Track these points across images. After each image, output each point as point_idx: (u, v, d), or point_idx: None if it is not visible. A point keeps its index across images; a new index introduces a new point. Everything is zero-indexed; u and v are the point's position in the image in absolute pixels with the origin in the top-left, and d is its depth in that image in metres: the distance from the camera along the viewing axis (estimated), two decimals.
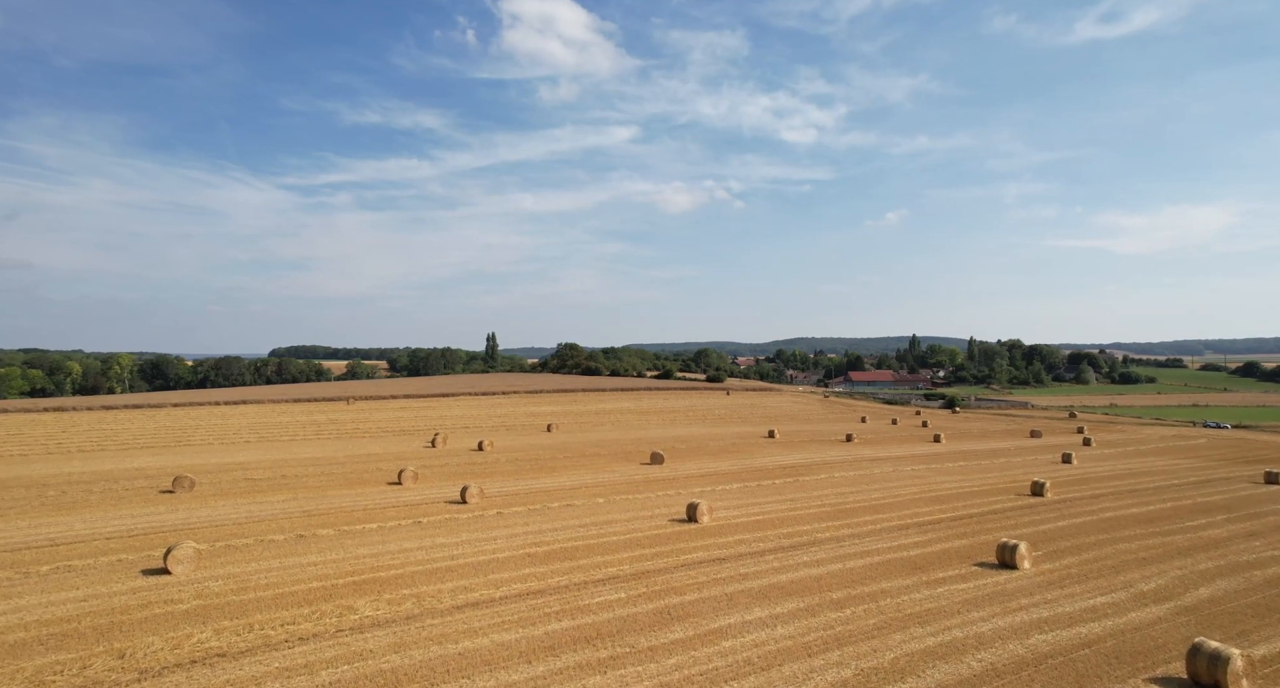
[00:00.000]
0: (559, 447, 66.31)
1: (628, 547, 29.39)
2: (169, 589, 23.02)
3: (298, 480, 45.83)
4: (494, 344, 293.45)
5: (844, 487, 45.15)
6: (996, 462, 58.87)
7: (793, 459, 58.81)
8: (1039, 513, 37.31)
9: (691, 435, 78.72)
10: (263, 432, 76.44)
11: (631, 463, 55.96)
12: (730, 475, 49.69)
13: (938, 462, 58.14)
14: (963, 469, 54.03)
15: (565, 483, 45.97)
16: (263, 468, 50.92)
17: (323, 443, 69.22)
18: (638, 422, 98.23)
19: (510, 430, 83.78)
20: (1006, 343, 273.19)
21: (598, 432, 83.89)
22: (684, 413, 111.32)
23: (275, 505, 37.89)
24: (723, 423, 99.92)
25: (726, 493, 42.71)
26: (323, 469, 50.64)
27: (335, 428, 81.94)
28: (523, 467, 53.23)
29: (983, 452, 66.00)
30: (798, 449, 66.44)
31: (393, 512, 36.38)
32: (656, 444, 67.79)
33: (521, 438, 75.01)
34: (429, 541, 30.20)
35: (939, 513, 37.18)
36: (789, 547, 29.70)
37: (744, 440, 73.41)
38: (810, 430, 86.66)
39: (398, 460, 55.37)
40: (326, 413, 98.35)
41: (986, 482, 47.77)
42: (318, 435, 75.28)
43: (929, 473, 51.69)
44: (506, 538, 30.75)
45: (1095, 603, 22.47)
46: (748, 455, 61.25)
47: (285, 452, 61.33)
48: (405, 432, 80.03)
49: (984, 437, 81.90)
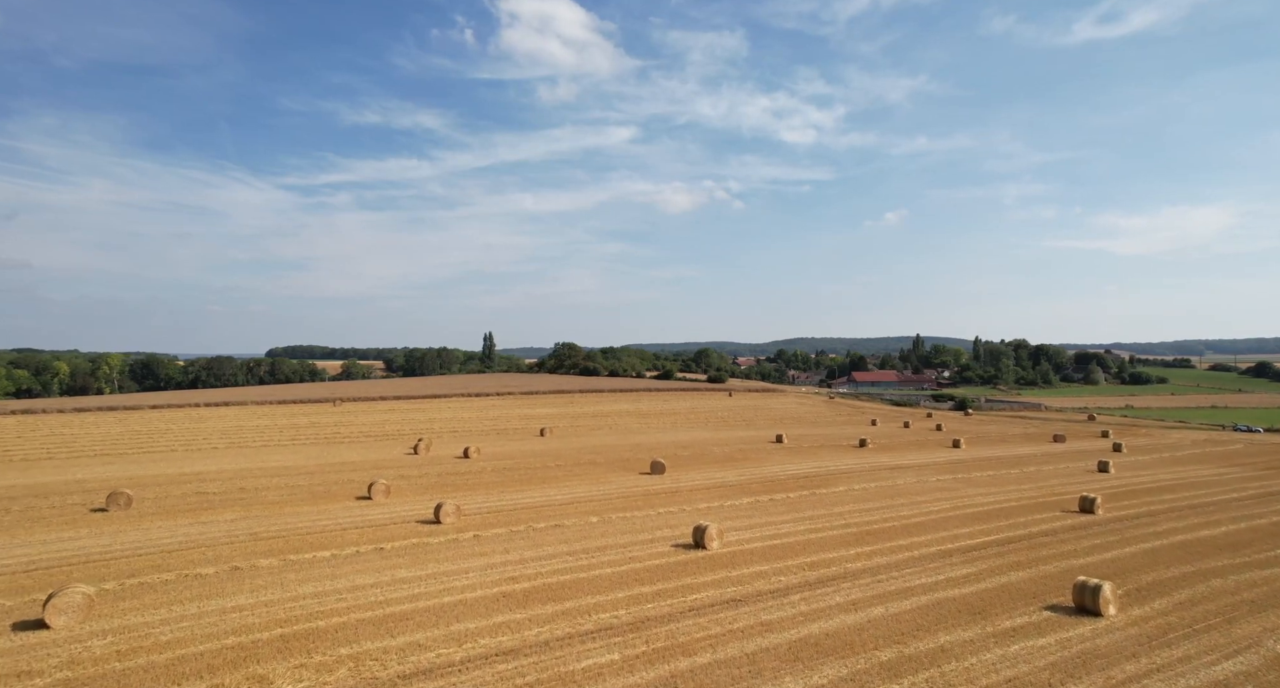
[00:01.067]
0: (551, 454, 61.49)
1: (624, 582, 24.58)
2: (32, 653, 18.06)
3: (256, 494, 40.96)
4: (491, 344, 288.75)
5: (867, 501, 40.34)
6: (1026, 471, 54.08)
7: (805, 468, 54.01)
8: (1096, 535, 32.50)
9: (694, 441, 73.93)
10: (236, 436, 71.58)
11: (630, 473, 51.17)
12: (738, 488, 44.87)
13: (963, 470, 53.35)
14: (993, 480, 49.23)
15: (555, 497, 41.15)
16: (220, 479, 46.05)
17: (297, 449, 64.36)
18: (637, 425, 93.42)
19: (501, 435, 78.94)
20: (1012, 343, 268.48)
21: (594, 437, 79.08)
22: (685, 415, 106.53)
23: (220, 526, 33.03)
24: (726, 426, 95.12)
25: (736, 510, 37.89)
26: (288, 480, 45.79)
27: (315, 432, 77.10)
28: (509, 478, 48.40)
29: (1008, 459, 61.20)
30: (809, 456, 61.64)
31: (353, 535, 31.53)
32: (657, 451, 62.99)
33: (512, 444, 70.18)
34: (388, 574, 25.37)
35: (982, 535, 32.38)
36: (816, 582, 24.89)
37: (750, 446, 68.60)
38: (819, 434, 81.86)
39: (373, 470, 50.56)
40: (309, 416, 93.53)
41: (1024, 495, 42.97)
42: (294, 441, 70.40)
43: (957, 484, 46.89)
44: (481, 570, 25.92)
45: (1225, 672, 17.63)
46: (756, 463, 56.46)
47: (253, 459, 56.48)
48: (389, 436, 75.17)
49: (1004, 442, 77.11)
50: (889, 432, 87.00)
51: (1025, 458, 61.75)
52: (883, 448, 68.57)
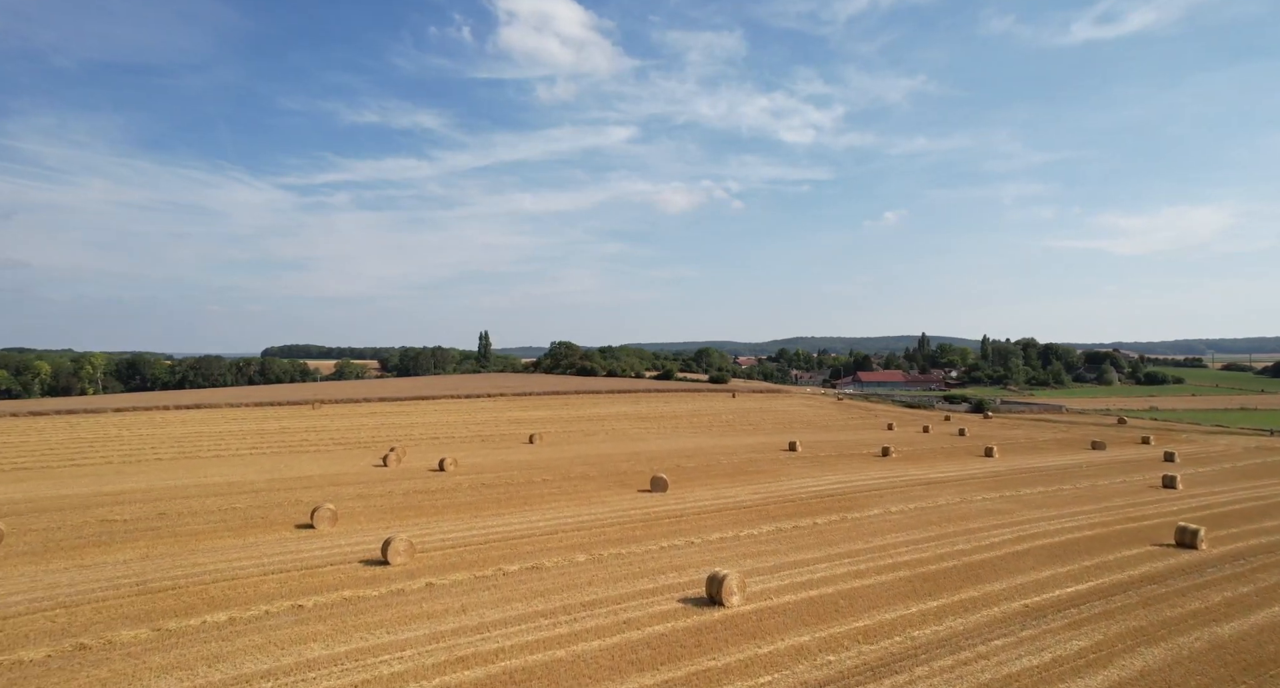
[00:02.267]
0: (539, 465, 54.59)
1: (616, 668, 17.73)
2: None
3: (175, 523, 34.00)
4: (487, 343, 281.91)
5: (911, 530, 33.49)
6: (1080, 486, 47.23)
7: (828, 483, 47.13)
8: (1220, 583, 25.64)
9: (698, 449, 67.04)
10: (192, 444, 64.59)
11: (627, 490, 44.28)
12: (755, 511, 37.99)
13: (1008, 486, 46.51)
14: (1048, 499, 42.37)
15: (537, 524, 34.26)
16: (141, 501, 39.07)
17: (253, 460, 57.37)
18: (635, 430, 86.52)
19: (485, 442, 71.99)
20: (1020, 342, 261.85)
21: (588, 444, 72.17)
22: (687, 419, 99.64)
23: (104, 571, 26.09)
24: (732, 431, 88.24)
25: (756, 543, 31.02)
26: (224, 502, 38.84)
27: (282, 439, 70.14)
28: (486, 496, 41.49)
29: (1053, 471, 54.36)
30: (829, 468, 54.78)
31: (272, 584, 24.61)
32: (657, 461, 56.13)
33: (496, 452, 63.23)
34: (292, 654, 18.47)
35: (1070, 580, 25.54)
36: (878, 663, 18.07)
37: (762, 456, 61.73)
38: (835, 441, 75.00)
39: (329, 487, 43.65)
40: (282, 420, 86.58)
41: (1094, 520, 36.11)
42: (253, 450, 63.39)
43: (1009, 505, 40.03)
44: (422, 644, 19.05)
45: None
46: (770, 477, 49.59)
47: (196, 473, 49.52)
48: (361, 444, 68.20)
49: (1038, 449, 70.27)
50: (909, 438, 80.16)
51: (1072, 470, 54.90)
52: (908, 458, 61.71)
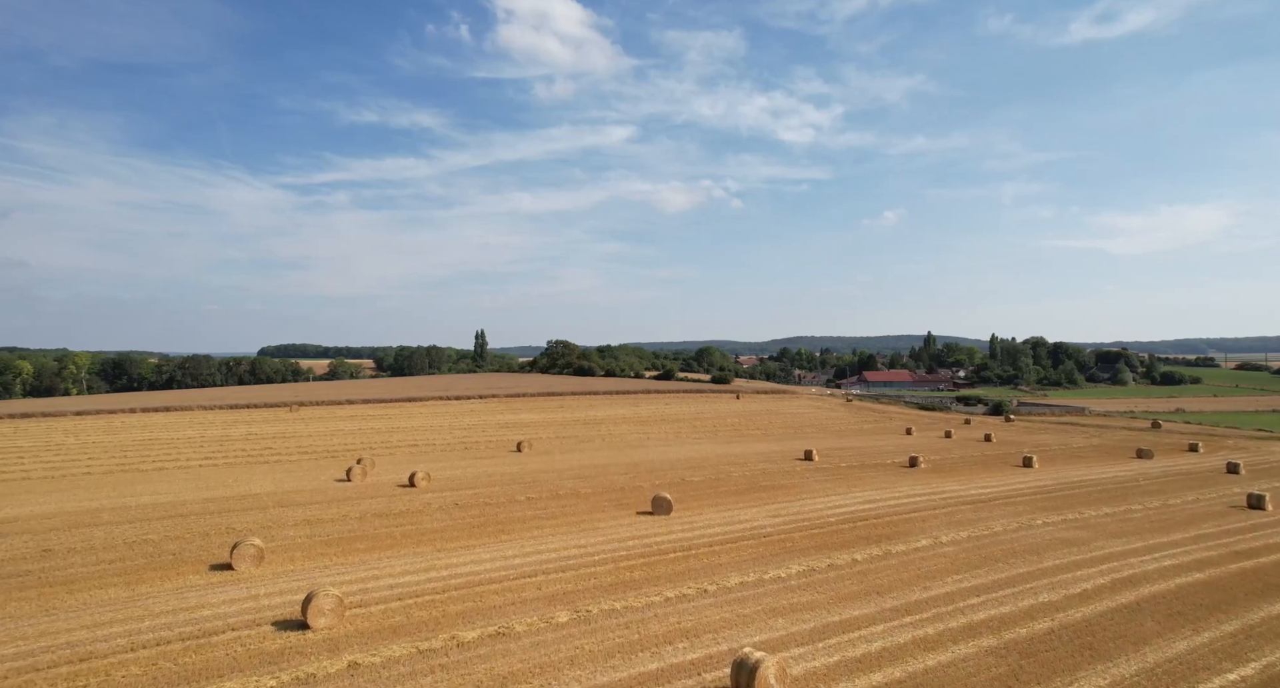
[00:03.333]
0: (525, 479, 48.01)
1: None
2: None
3: (58, 563, 27.40)
4: (483, 342, 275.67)
5: (975, 569, 26.90)
6: (1149, 506, 40.61)
7: (857, 503, 40.52)
8: None
9: (704, 458, 60.45)
10: (137, 454, 58.00)
11: (625, 511, 37.70)
12: (778, 542, 31.38)
13: (1067, 505, 39.89)
14: (1122, 525, 35.75)
15: (513, 560, 27.67)
16: (28, 533, 32.45)
17: (199, 474, 50.77)
18: (635, 435, 79.94)
19: (469, 450, 65.37)
20: (1029, 341, 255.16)
21: (582, 451, 65.56)
22: (690, 422, 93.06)
23: None
24: (739, 437, 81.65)
25: (786, 590, 24.43)
26: (136, 532, 32.26)
27: (244, 447, 63.56)
28: (456, 522, 34.89)
29: (1109, 486, 47.73)
30: (854, 482, 48.16)
31: (135, 667, 18.01)
32: (659, 473, 49.58)
33: (478, 463, 56.62)
34: None
35: (1217, 657, 18.98)
36: None
37: (775, 466, 55.14)
38: (853, 449, 68.39)
39: (275, 509, 37.08)
40: (252, 424, 80.00)
41: (1197, 558, 29.47)
42: (207, 460, 56.76)
43: (1080, 533, 33.43)
44: None
45: None
46: (790, 494, 42.99)
47: (122, 492, 42.91)
48: (330, 453, 61.56)
49: (1080, 458, 63.64)
50: (934, 444, 73.57)
51: (1129, 485, 48.31)
52: (940, 468, 55.11)
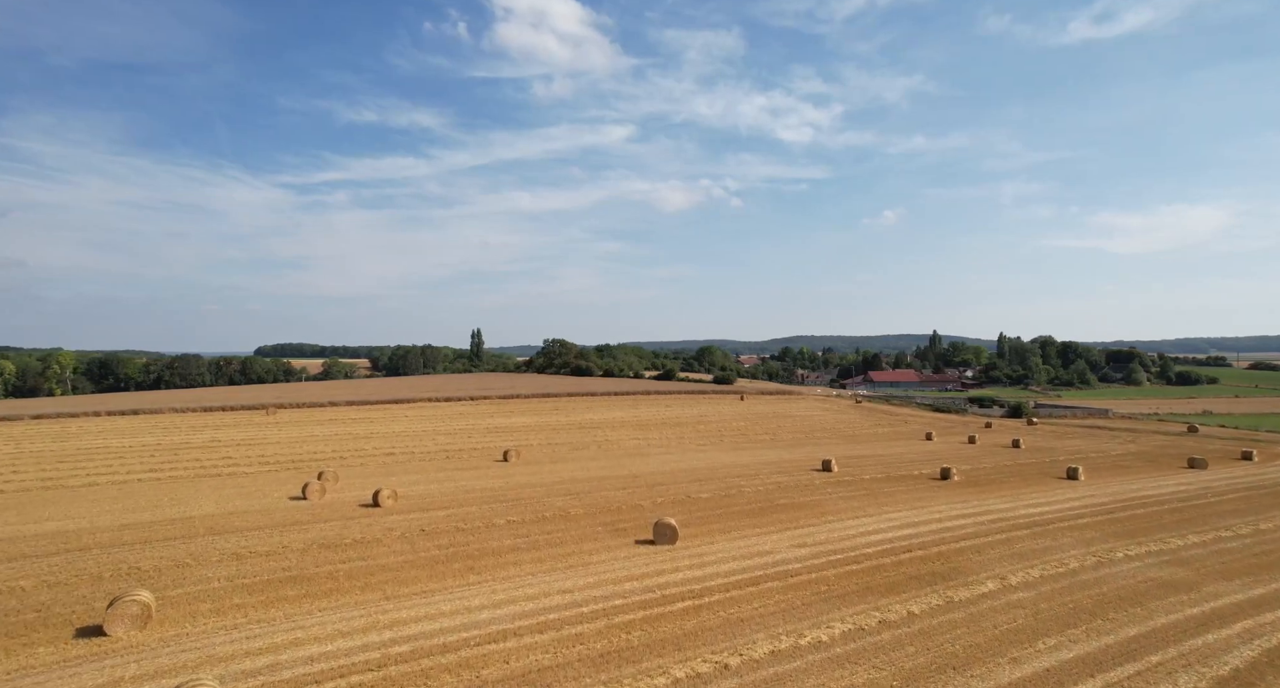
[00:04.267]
0: (508, 496, 41.93)
1: None
2: None
3: None
4: (479, 342, 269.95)
5: (1069, 631, 20.84)
6: (1241, 533, 34.54)
7: (894, 527, 34.43)
8: None
9: (710, 468, 54.37)
10: (71, 467, 51.91)
11: (621, 541, 31.62)
12: (809, 584, 25.29)
13: (1145, 532, 33.84)
14: (1225, 562, 29.67)
15: (478, 616, 21.59)
16: None
17: (133, 492, 44.63)
18: (633, 441, 73.86)
19: (450, 459, 59.26)
20: (1038, 340, 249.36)
21: (576, 461, 59.47)
22: (692, 426, 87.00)
23: None
24: (746, 442, 75.57)
25: (832, 662, 18.34)
26: (9, 575, 26.16)
27: (200, 456, 57.48)
28: (418, 557, 28.80)
29: (1178, 504, 41.69)
30: (884, 499, 42.06)
31: None
32: (661, 488, 43.53)
33: (457, 475, 50.52)
34: None
35: None
36: None
37: (791, 478, 49.09)
38: (874, 457, 62.32)
39: (204, 538, 31.00)
40: (220, 429, 73.95)
41: None
42: (151, 473, 50.60)
43: (1182, 573, 27.36)
44: None
45: None
46: (813, 516, 36.90)
47: (25, 517, 36.76)
48: (294, 464, 55.43)
49: (1126, 468, 57.54)
50: (960, 451, 67.51)
51: (1199, 502, 42.24)
52: (976, 481, 49.05)
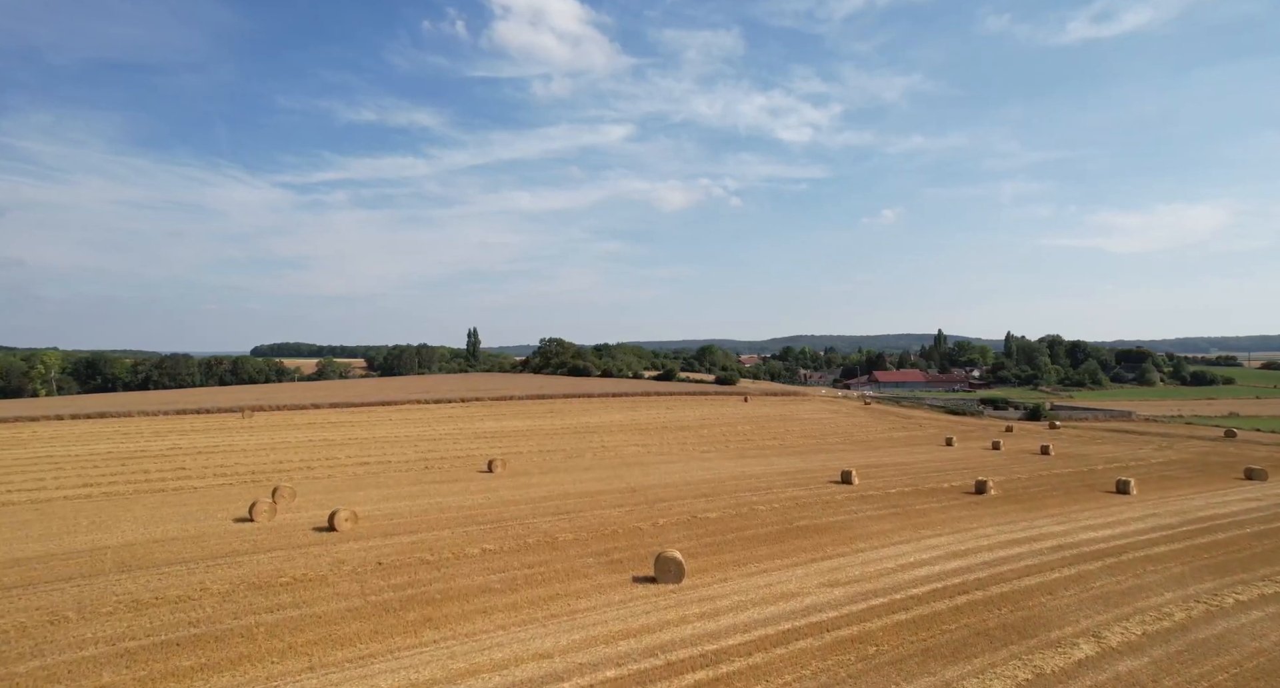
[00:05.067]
0: (487, 517, 36.46)
1: None
2: None
3: None
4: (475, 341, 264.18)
5: None
6: None
7: (938, 556, 28.94)
8: None
9: (718, 480, 48.92)
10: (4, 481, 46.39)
11: (616, 578, 26.15)
12: (853, 646, 19.83)
13: (1243, 567, 28.39)
14: None
15: None
16: None
17: (47, 511, 39.07)
18: (632, 448, 68.40)
19: (429, 471, 53.75)
20: (1046, 339, 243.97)
21: (569, 471, 54.00)
22: (695, 430, 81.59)
23: None
24: (755, 449, 70.11)
25: None
26: None
27: (149, 467, 52.03)
28: (366, 603, 23.33)
29: (1260, 526, 36.26)
30: (918, 519, 36.58)
31: None
32: (663, 507, 38.05)
33: (433, 491, 45.01)
34: None
35: None
36: None
37: (809, 493, 43.62)
38: (896, 466, 56.88)
39: (104, 578, 25.53)
40: (186, 435, 68.54)
41: None
42: (85, 487, 44.99)
43: None
44: None
45: None
46: (841, 542, 31.45)
47: None
48: (252, 477, 49.87)
49: (1176, 481, 52.08)
50: (987, 459, 62.09)
51: (1271, 522, 36.83)
52: (1017, 496, 43.60)
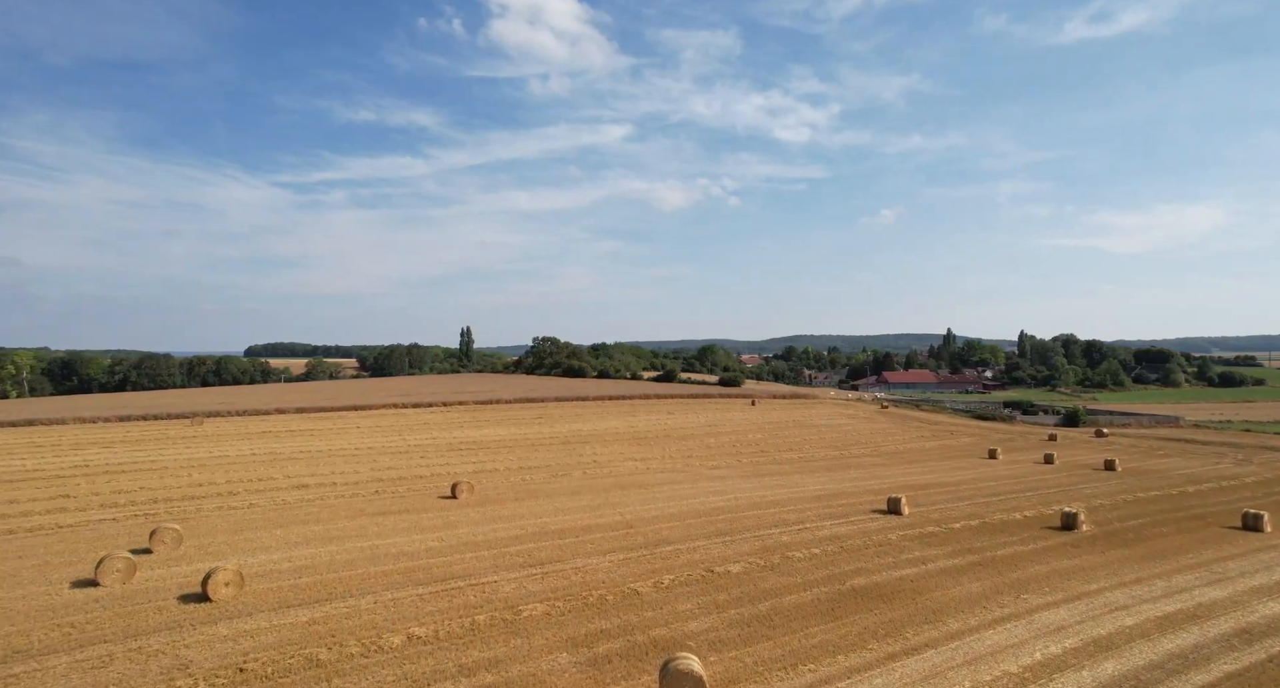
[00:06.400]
0: (430, 574, 26.94)
1: None
2: None
3: None
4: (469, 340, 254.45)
5: None
6: None
7: (1078, 657, 19.51)
8: None
9: (734, 508, 39.38)
10: None
11: None
12: None
13: None
14: None
15: None
16: None
17: None
18: (629, 463, 58.86)
19: (379, 496, 44.14)
20: (1060, 338, 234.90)
21: (550, 496, 44.42)
22: (701, 439, 72.14)
23: None
24: (771, 463, 60.59)
25: None
26: None
27: (18, 496, 42.54)
28: None
29: None
30: (1008, 571, 27.09)
31: None
32: (666, 552, 28.49)
33: (370, 530, 35.35)
34: None
35: None
36: None
37: (853, 529, 34.13)
38: (943, 487, 47.40)
39: None
40: (106, 447, 59.16)
41: None
42: None
43: None
44: None
45: None
46: (922, 623, 22.01)
47: None
48: (152, 506, 40.24)
49: None
50: (1045, 476, 52.64)
51: None
52: (1119, 535, 34.14)
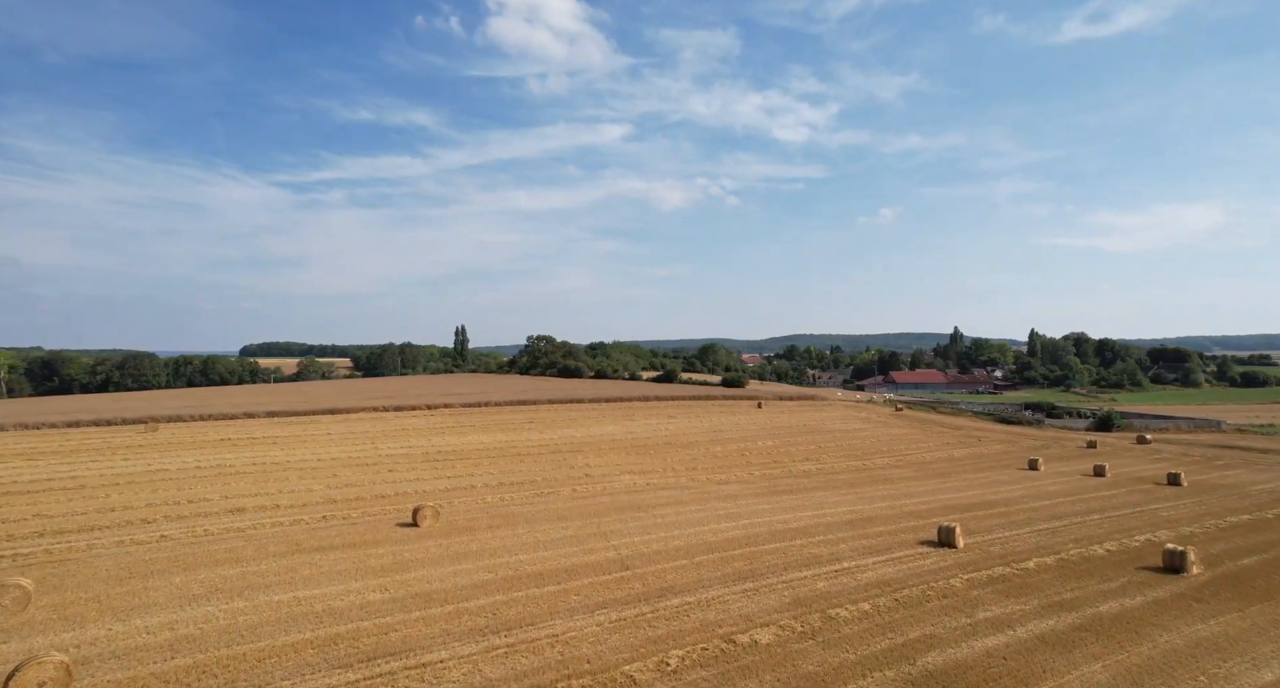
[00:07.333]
0: (356, 652, 19.85)
1: None
2: None
3: None
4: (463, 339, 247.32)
5: None
6: None
7: None
8: None
9: (752, 539, 32.29)
10: None
11: None
12: None
13: None
14: None
15: None
16: None
17: None
18: (627, 477, 51.74)
19: (324, 525, 36.94)
20: (1071, 337, 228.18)
21: (531, 523, 37.22)
22: (706, 447, 65.04)
23: None
24: (788, 476, 53.46)
25: None
26: None
27: None
28: None
29: None
30: (1129, 644, 20.10)
31: None
32: (673, 612, 21.43)
33: (300, 576, 28.21)
34: None
35: None
36: None
37: (900, 569, 27.10)
38: (990, 507, 40.31)
39: None
40: (30, 459, 52.08)
41: None
42: None
43: None
44: None
45: None
46: None
47: None
48: (32, 546, 33.19)
49: None
50: (1104, 495, 45.62)
51: None
52: (1246, 584, 27.10)
